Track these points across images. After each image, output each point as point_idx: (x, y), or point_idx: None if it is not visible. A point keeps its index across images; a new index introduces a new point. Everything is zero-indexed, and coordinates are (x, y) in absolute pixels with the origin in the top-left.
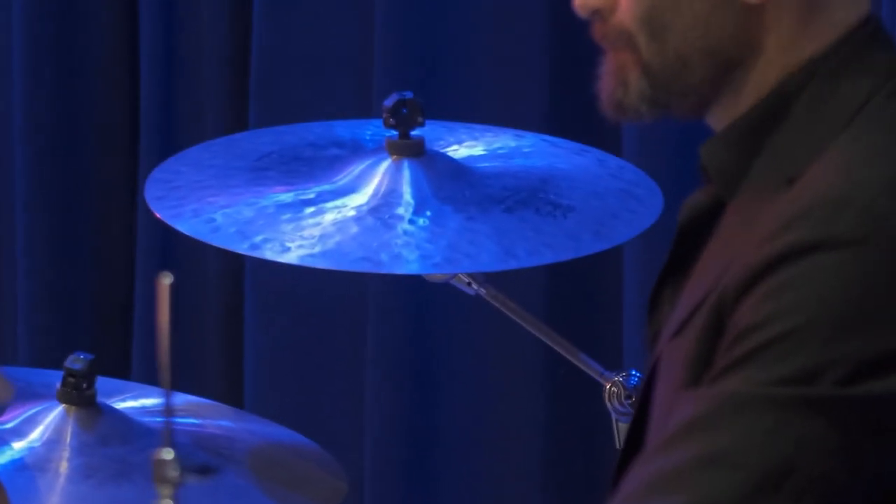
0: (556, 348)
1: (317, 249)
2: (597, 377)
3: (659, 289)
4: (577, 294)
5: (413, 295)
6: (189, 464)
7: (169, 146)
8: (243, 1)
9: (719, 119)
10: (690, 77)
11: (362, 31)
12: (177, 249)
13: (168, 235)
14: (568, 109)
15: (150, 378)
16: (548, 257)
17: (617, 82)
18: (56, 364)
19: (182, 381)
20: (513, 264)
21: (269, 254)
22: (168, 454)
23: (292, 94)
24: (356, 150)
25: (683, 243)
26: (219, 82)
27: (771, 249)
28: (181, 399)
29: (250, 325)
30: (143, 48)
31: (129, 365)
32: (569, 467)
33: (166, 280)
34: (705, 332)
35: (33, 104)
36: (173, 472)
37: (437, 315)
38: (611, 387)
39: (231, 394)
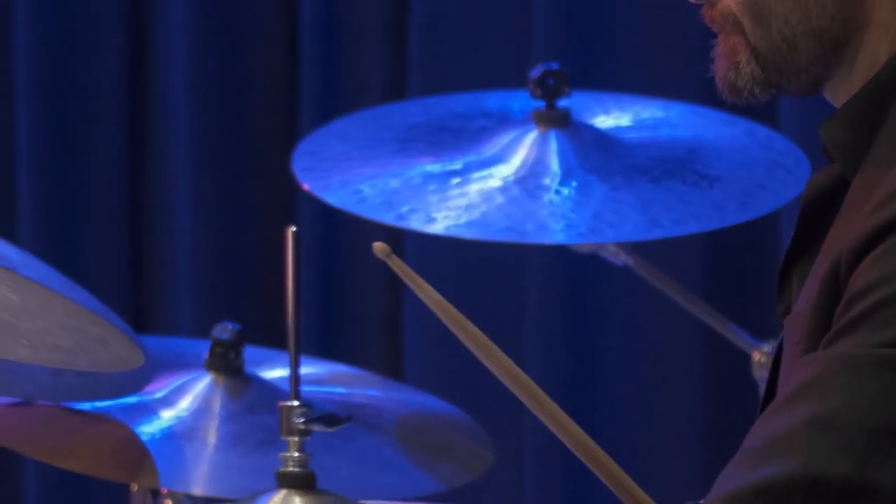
0: (704, 318)
1: (462, 220)
2: (745, 347)
3: (786, 268)
4: (733, 264)
5: (572, 267)
6: (317, 413)
7: (329, 119)
8: None
9: (835, 94)
10: (799, 59)
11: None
12: (338, 220)
13: (329, 207)
14: None
15: (305, 349)
16: (693, 227)
17: (729, 65)
18: None
19: (342, 353)
20: (657, 234)
21: (415, 224)
22: (294, 403)
23: (450, 64)
24: (503, 121)
25: (808, 222)
26: (378, 53)
27: (881, 216)
28: (329, 368)
29: (409, 297)
30: (302, 20)
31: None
32: (727, 436)
33: (292, 230)
34: (822, 301)
35: (196, 80)
36: (300, 422)
37: (595, 287)
38: (759, 357)
39: (391, 366)
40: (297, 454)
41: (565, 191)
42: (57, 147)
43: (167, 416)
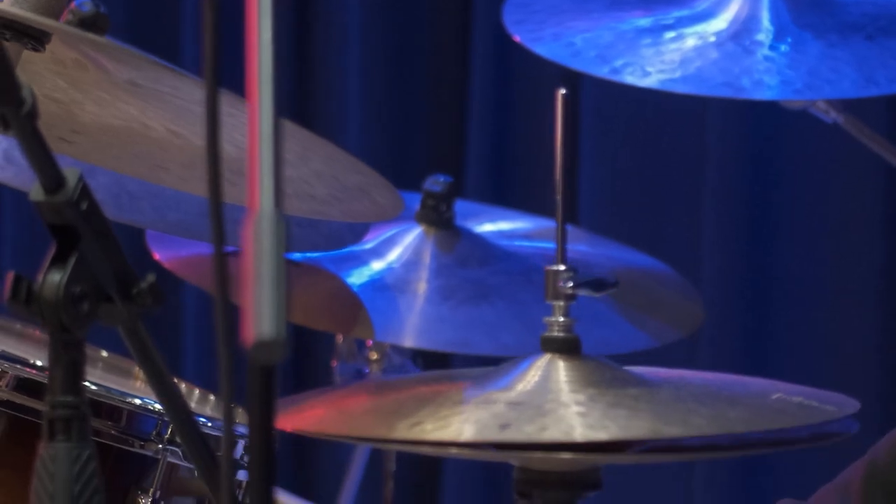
0: None
1: (677, 74)
2: None
3: None
4: None
5: (753, 124)
6: (584, 278)
7: None
8: None
9: None
10: None
11: None
12: (511, 70)
13: (501, 60)
14: None
15: (478, 196)
16: None
17: None
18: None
19: (516, 199)
20: (874, 91)
21: (629, 78)
22: (561, 267)
23: None
24: None
25: None
26: None
27: None
28: (536, 223)
29: (585, 151)
30: None
31: (460, 190)
32: None
33: (562, 93)
34: None
35: None
36: (567, 286)
37: (781, 145)
38: None
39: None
40: (562, 319)
41: (782, 47)
42: None
43: (377, 267)
